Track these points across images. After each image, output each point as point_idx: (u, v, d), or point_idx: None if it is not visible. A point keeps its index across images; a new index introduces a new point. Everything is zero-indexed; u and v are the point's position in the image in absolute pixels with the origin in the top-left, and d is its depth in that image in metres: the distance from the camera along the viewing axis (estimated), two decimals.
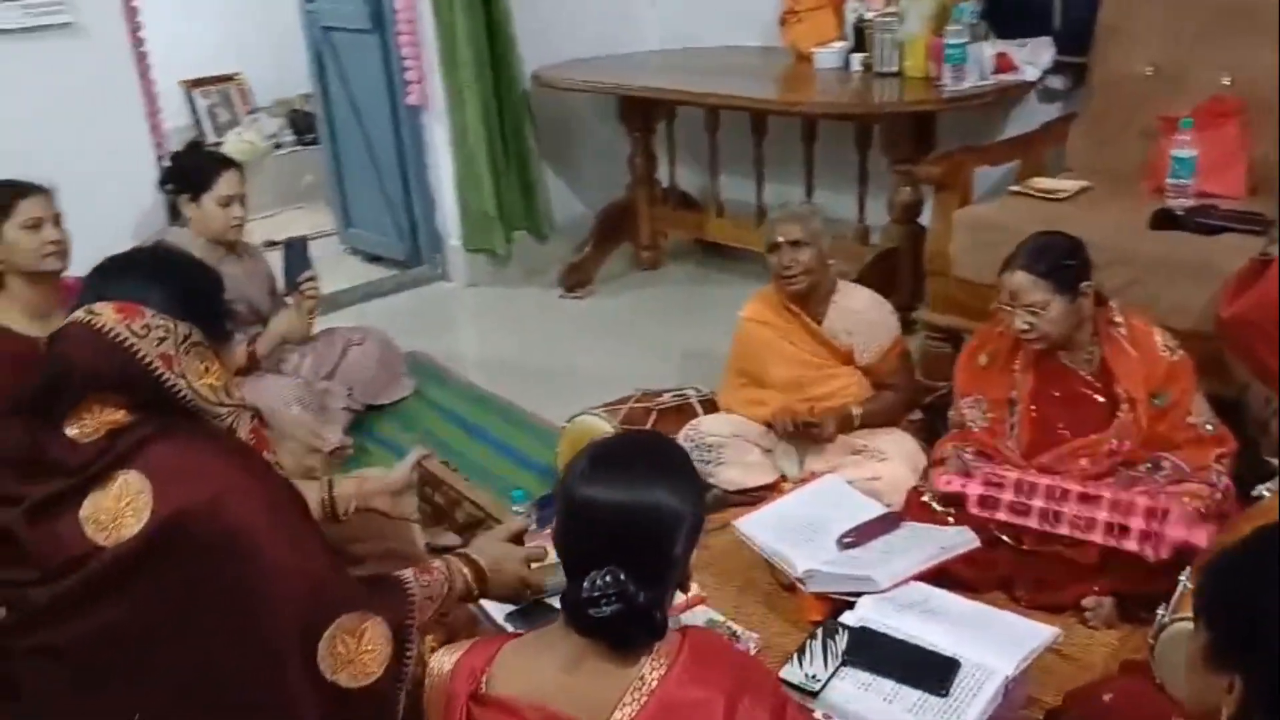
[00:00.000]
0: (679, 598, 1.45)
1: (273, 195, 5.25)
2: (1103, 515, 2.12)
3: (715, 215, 4.20)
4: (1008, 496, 2.21)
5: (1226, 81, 2.92)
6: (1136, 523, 2.08)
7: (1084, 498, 2.16)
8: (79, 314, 1.50)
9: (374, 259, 4.65)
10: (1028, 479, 2.22)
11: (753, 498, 2.60)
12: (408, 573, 1.59)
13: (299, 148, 5.58)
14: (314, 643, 1.46)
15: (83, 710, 1.43)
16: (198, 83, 5.62)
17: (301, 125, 5.57)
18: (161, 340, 1.49)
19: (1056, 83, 3.42)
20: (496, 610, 1.92)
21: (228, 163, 3.00)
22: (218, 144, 5.35)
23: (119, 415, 1.47)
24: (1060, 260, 2.23)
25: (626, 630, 1.28)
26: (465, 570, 1.63)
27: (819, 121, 3.74)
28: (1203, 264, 2.51)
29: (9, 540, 1.47)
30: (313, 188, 5.34)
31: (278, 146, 5.61)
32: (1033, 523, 2.19)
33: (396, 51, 4.11)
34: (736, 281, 3.99)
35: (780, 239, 2.64)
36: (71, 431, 1.47)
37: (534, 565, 1.72)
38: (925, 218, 3.29)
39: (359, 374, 3.26)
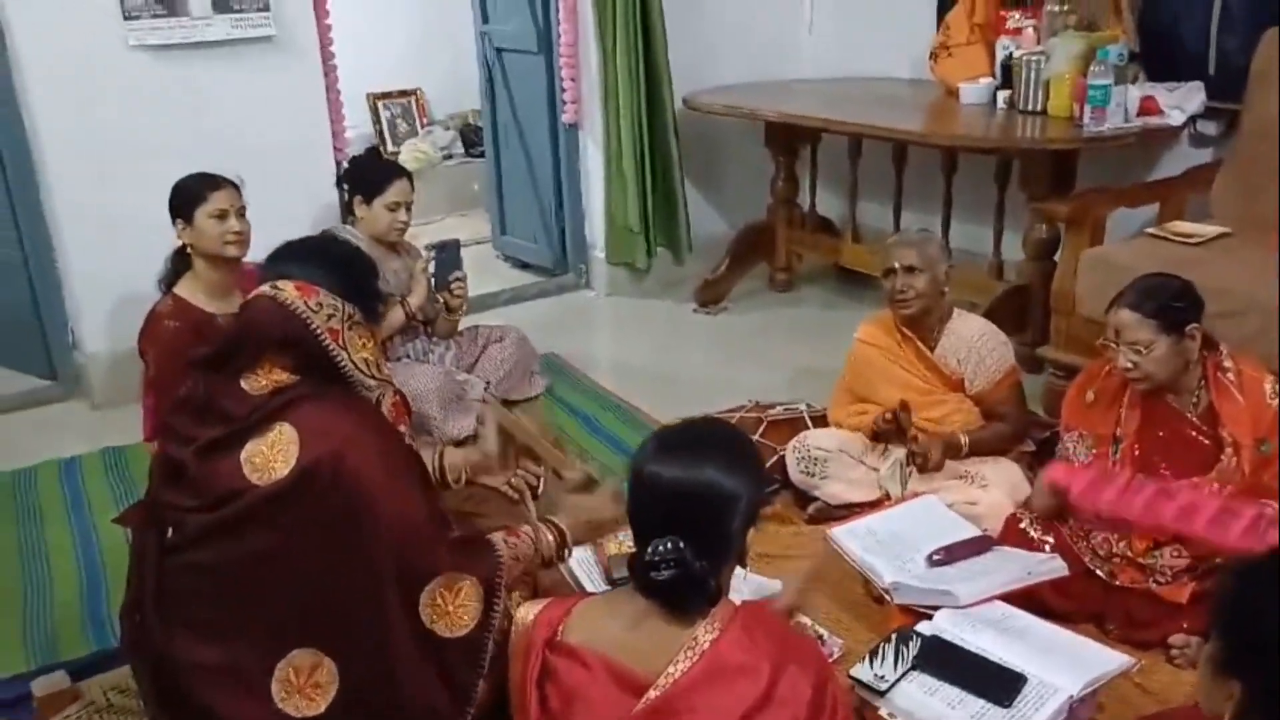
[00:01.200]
0: (740, 574, 1.56)
1: (440, 202, 5.62)
2: (1209, 509, 2.07)
3: (852, 241, 4.29)
4: (1115, 488, 2.18)
5: None
6: (1243, 519, 2.03)
7: (1193, 501, 2.10)
8: (265, 288, 1.75)
9: (523, 265, 4.93)
10: (1137, 482, 2.19)
11: (855, 513, 2.67)
12: (498, 536, 1.77)
13: (468, 159, 5.94)
14: (415, 593, 1.66)
15: (218, 617, 1.66)
16: (383, 95, 6.06)
17: (472, 139, 5.93)
18: (331, 316, 1.73)
19: (1209, 128, 3.38)
20: (585, 579, 2.07)
21: (400, 171, 3.19)
22: (395, 153, 5.76)
23: (284, 376, 1.72)
24: (1168, 300, 2.23)
25: (683, 594, 1.41)
26: (549, 535, 1.81)
27: (959, 155, 3.78)
28: None
29: (181, 473, 1.73)
30: (476, 197, 5.67)
31: (448, 157, 5.99)
32: (1135, 513, 2.13)
33: (559, 72, 4.37)
34: (867, 307, 4.04)
35: (896, 264, 2.72)
36: (245, 385, 1.71)
37: (622, 552, 1.87)
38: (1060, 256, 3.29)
39: (496, 369, 3.48)
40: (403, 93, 6.14)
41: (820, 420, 2.98)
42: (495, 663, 1.69)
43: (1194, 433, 2.29)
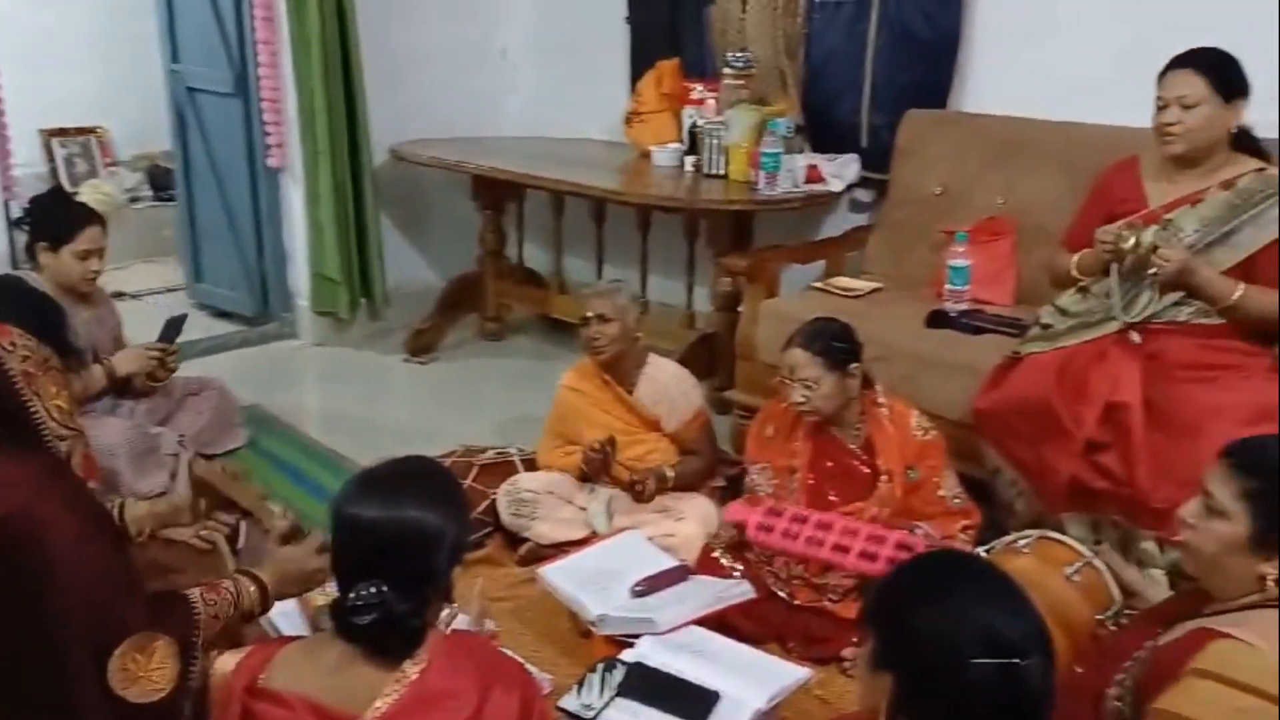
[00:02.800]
0: (446, 610, 1.61)
1: (128, 247, 5.26)
2: (859, 544, 2.37)
3: (558, 292, 4.46)
4: (782, 525, 2.45)
5: (1000, 202, 3.34)
6: (886, 550, 2.34)
7: (846, 529, 2.41)
8: None
9: (222, 314, 4.73)
10: (802, 513, 2.47)
11: (564, 551, 2.78)
12: (195, 592, 1.71)
13: (157, 203, 5.63)
14: (105, 659, 1.58)
15: None
16: (58, 132, 5.63)
17: (161, 181, 5.63)
18: (25, 358, 1.63)
19: (864, 195, 3.83)
20: (285, 626, 2.04)
21: (92, 216, 3.03)
22: (74, 193, 5.35)
23: None
24: (831, 341, 2.54)
25: (386, 636, 1.43)
26: (251, 588, 1.76)
27: (653, 213, 4.05)
28: (967, 361, 2.85)
29: None
30: (168, 243, 5.37)
31: (134, 200, 5.65)
32: (799, 545, 2.42)
33: (259, 115, 4.27)
34: (575, 355, 4.18)
35: (590, 314, 2.90)
36: None
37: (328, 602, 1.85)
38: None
39: (193, 422, 3.34)
40: (81, 130, 5.73)
41: (531, 464, 3.09)
42: None
43: (856, 462, 2.60)
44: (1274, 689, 1.22)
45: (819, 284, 3.39)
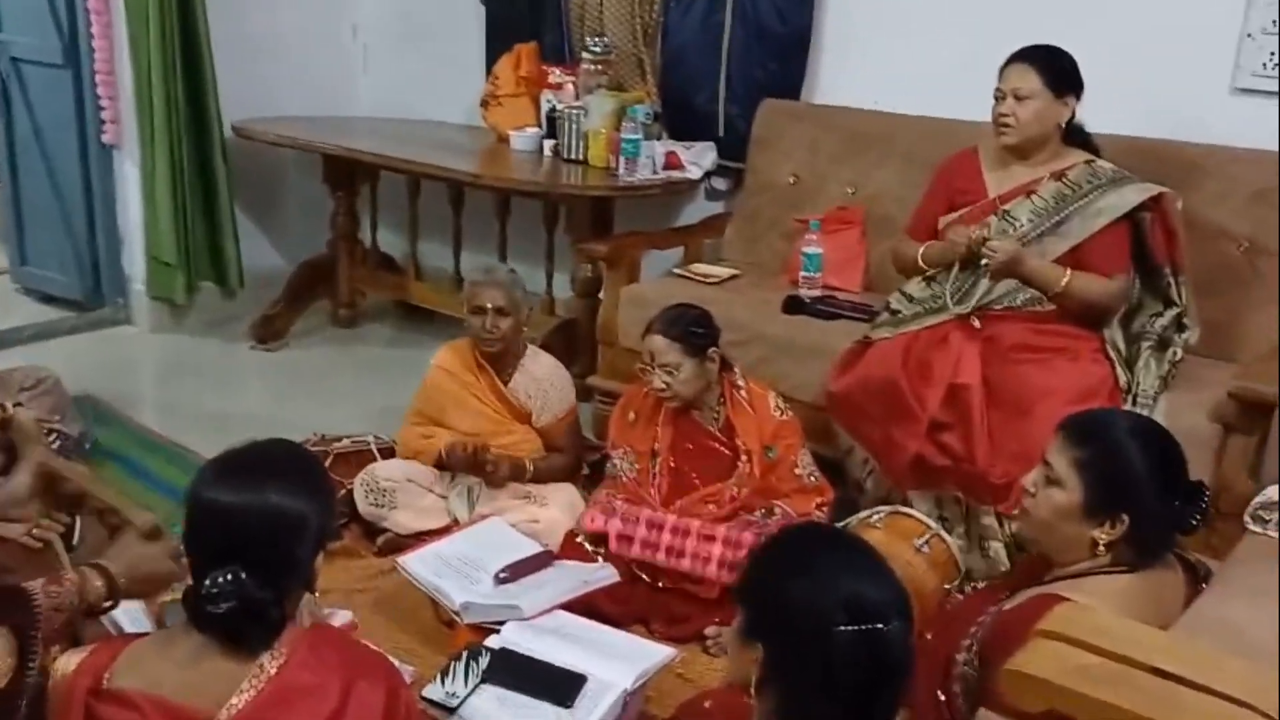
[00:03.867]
0: (308, 600, 1.56)
1: None
2: (717, 550, 2.44)
3: (415, 278, 4.36)
4: (641, 533, 2.49)
5: (850, 192, 3.45)
6: (744, 554, 2.39)
7: (703, 536, 2.47)
8: None
9: (50, 299, 4.46)
10: (657, 518, 2.51)
11: (424, 540, 2.74)
12: (35, 584, 1.60)
13: None
14: None
15: None
16: None
17: None
18: None
19: (720, 183, 3.89)
20: (129, 624, 1.95)
21: None
22: None
23: None
24: (690, 327, 2.58)
25: (243, 626, 1.38)
26: (98, 581, 1.65)
27: (512, 198, 4.01)
28: (821, 345, 2.94)
29: None
30: None
31: None
32: (660, 557, 2.48)
33: (92, 88, 4.03)
34: (432, 343, 4.08)
35: (487, 304, 2.84)
36: None
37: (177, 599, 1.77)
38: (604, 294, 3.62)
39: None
40: None
41: (388, 452, 3.03)
42: None
43: (716, 444, 2.65)
44: (1112, 646, 1.31)
45: (678, 270, 3.43)
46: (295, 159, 4.36)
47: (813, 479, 2.66)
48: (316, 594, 1.58)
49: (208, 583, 1.35)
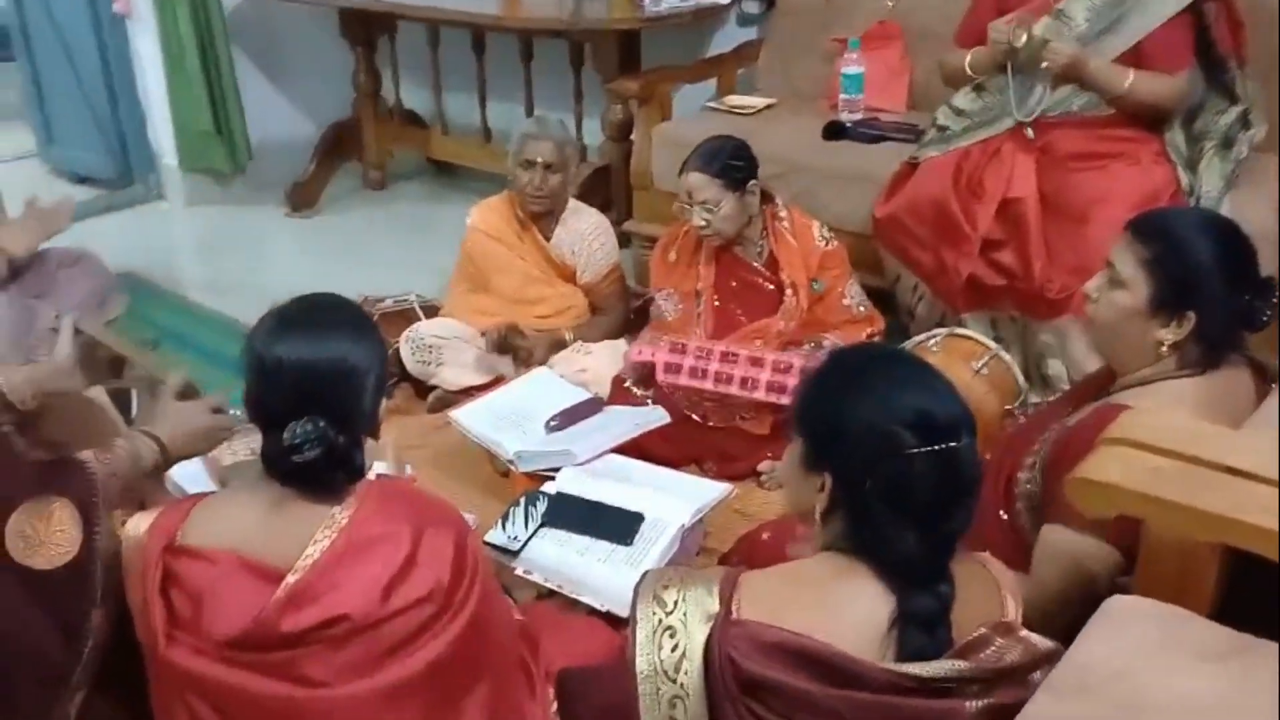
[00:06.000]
0: (371, 446, 1.57)
1: None
2: (766, 375, 2.40)
3: (441, 133, 4.26)
4: (689, 362, 2.45)
5: (890, 5, 3.27)
6: (792, 379, 2.37)
7: (752, 360, 2.43)
8: None
9: (81, 180, 4.42)
10: (705, 346, 2.47)
11: (474, 396, 2.74)
12: (87, 454, 1.61)
13: None
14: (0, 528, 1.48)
15: None
16: None
17: None
18: None
19: (752, 7, 3.70)
20: (191, 488, 1.97)
21: None
22: None
23: None
24: (729, 160, 2.48)
25: (328, 472, 1.38)
26: (148, 444, 1.67)
27: (535, 40, 3.85)
28: (864, 171, 2.84)
29: None
30: (14, 107, 4.96)
31: None
32: (709, 384, 2.43)
33: None
34: (463, 200, 4.04)
35: (537, 159, 2.75)
36: None
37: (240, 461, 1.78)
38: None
39: (69, 296, 3.14)
40: None
41: (430, 310, 3.00)
42: (108, 591, 1.58)
43: (760, 279, 2.58)
44: (1182, 447, 1.26)
45: (712, 103, 3.30)
46: (313, 18, 4.21)
47: (861, 309, 2.60)
48: (382, 442, 1.57)
49: (288, 434, 1.34)
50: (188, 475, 2.11)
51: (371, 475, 1.50)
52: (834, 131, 3.01)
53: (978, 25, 2.70)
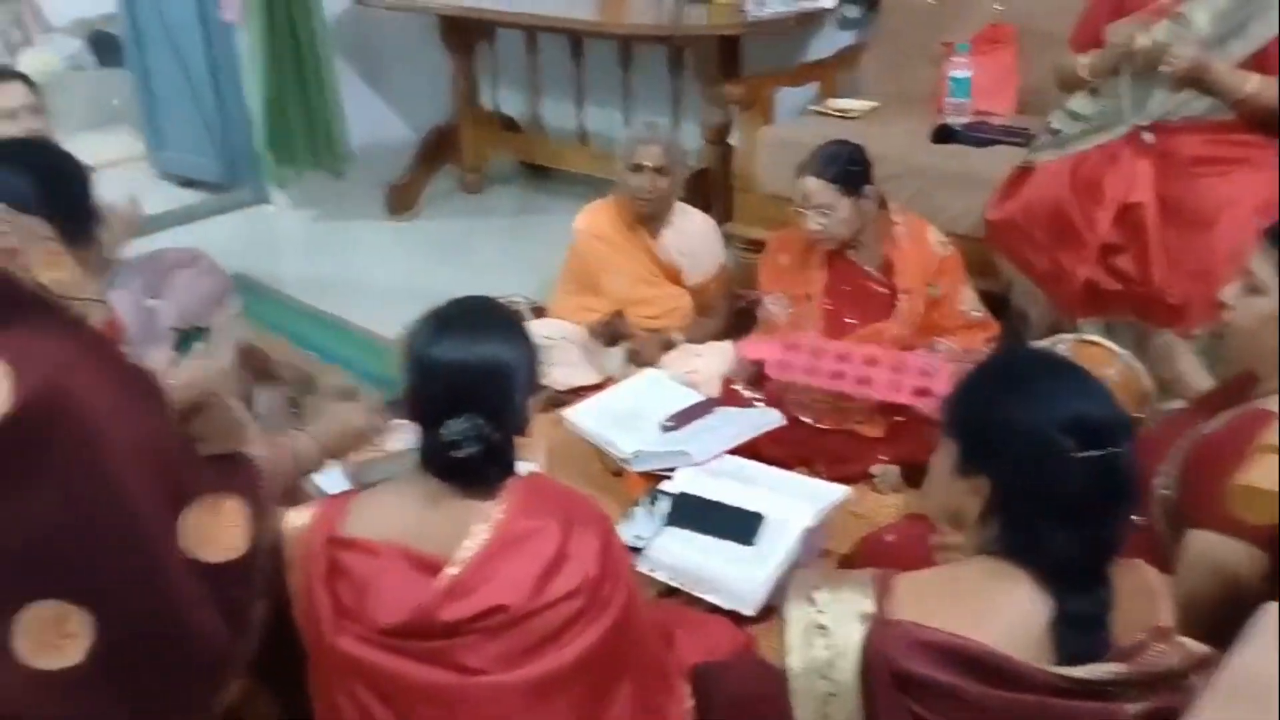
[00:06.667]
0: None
1: (74, 119, 5.03)
2: (884, 374, 2.39)
3: (538, 137, 4.31)
4: (802, 360, 2.46)
5: (1000, 9, 3.24)
6: (909, 379, 2.37)
7: (867, 359, 2.43)
8: None
9: (188, 183, 4.56)
10: (820, 344, 2.47)
11: (583, 396, 2.78)
12: (255, 450, 1.67)
13: (101, 70, 5.35)
14: (173, 520, 1.54)
15: None
16: None
17: (103, 47, 5.34)
18: (3, 234, 1.53)
19: (852, 11, 3.69)
20: (328, 486, 2.02)
21: (5, 75, 2.68)
22: (11, 64, 5.07)
23: None
24: (846, 165, 2.49)
25: (483, 468, 1.43)
26: (308, 443, 1.74)
27: (634, 45, 3.89)
28: (976, 174, 2.82)
29: None
30: (118, 111, 5.14)
31: (78, 69, 5.36)
32: (824, 382, 2.44)
33: None
34: (559, 203, 4.15)
35: (646, 163, 2.80)
36: None
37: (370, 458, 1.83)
38: (735, 139, 3.51)
39: (186, 296, 3.25)
40: None
41: (538, 311, 3.05)
42: (268, 580, 1.64)
43: (874, 284, 2.58)
44: None
45: (815, 107, 3.30)
46: (414, 25, 4.29)
47: (976, 314, 2.59)
48: (534, 439, 1.62)
49: (445, 431, 1.40)
50: (323, 475, 2.17)
51: (523, 471, 1.54)
52: (943, 135, 3.00)
53: (1094, 28, 2.67)
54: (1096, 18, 2.67)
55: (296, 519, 1.51)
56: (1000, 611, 1.27)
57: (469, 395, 1.42)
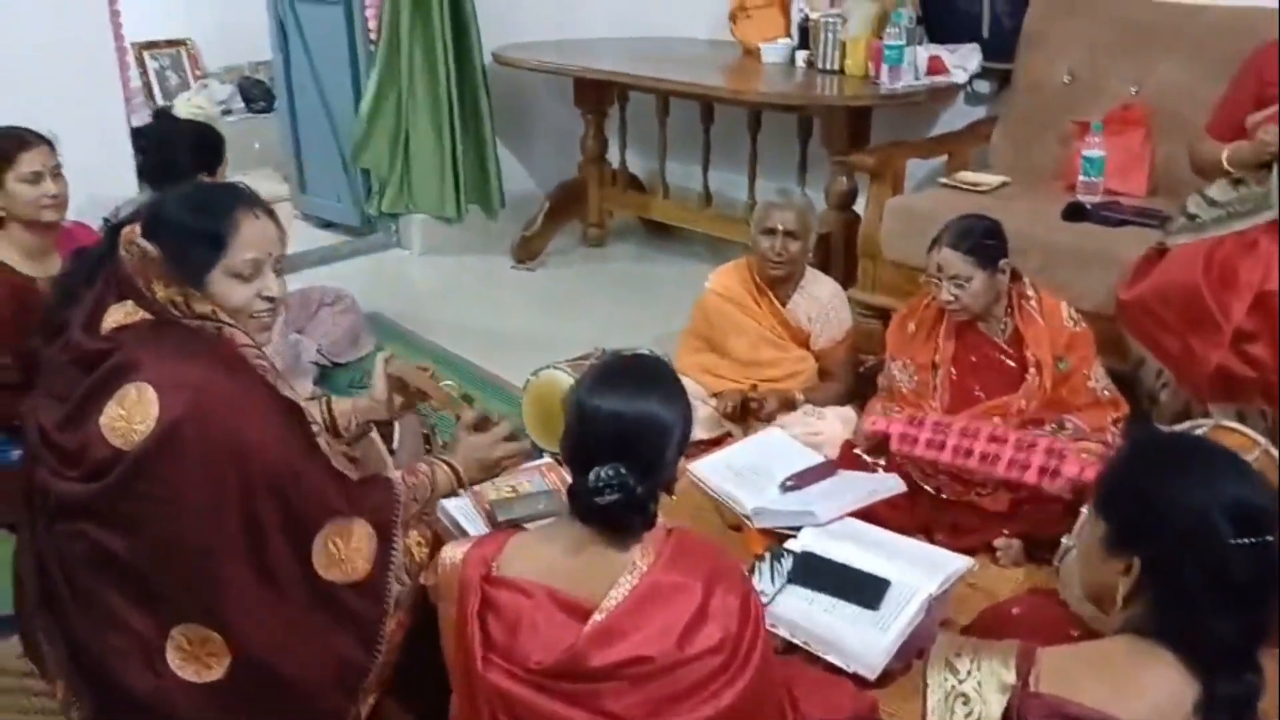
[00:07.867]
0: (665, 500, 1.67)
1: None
2: (1009, 452, 2.40)
3: (661, 197, 4.43)
4: (925, 434, 2.48)
5: (1133, 91, 3.25)
6: (1037, 458, 2.37)
7: (993, 437, 2.43)
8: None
9: (326, 225, 4.79)
10: (944, 420, 2.49)
11: (702, 451, 2.83)
12: (397, 474, 1.79)
13: (249, 115, 5.66)
14: (307, 541, 1.64)
15: (102, 589, 1.62)
16: (149, 45, 5.65)
17: (252, 93, 5.65)
18: (134, 256, 1.67)
19: (983, 87, 3.74)
20: (465, 523, 2.10)
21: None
22: (167, 107, 5.40)
23: (127, 314, 1.66)
24: (982, 239, 2.52)
25: (624, 517, 1.49)
26: (447, 470, 1.84)
27: (764, 112, 3.99)
28: (1107, 253, 2.82)
29: (50, 445, 1.65)
30: (260, 156, 5.41)
31: (227, 113, 5.68)
32: (946, 456, 2.45)
33: (363, 23, 4.27)
34: (678, 260, 4.26)
35: (778, 226, 2.88)
36: (106, 323, 1.66)
37: (504, 497, 1.92)
38: (859, 206, 3.57)
39: (328, 332, 3.43)
40: (170, 42, 5.75)
41: None
42: (402, 602, 1.72)
43: (1002, 356, 2.60)
44: None
45: (945, 180, 3.34)
46: (545, 83, 4.47)
47: (1106, 392, 2.58)
48: (674, 496, 1.68)
49: (592, 477, 1.46)
50: (456, 507, 2.26)
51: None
52: (1074, 212, 3.01)
53: (1234, 117, 2.67)
54: (1237, 107, 2.68)
55: (452, 553, 1.59)
56: (1146, 691, 1.28)
57: (622, 446, 1.48)
